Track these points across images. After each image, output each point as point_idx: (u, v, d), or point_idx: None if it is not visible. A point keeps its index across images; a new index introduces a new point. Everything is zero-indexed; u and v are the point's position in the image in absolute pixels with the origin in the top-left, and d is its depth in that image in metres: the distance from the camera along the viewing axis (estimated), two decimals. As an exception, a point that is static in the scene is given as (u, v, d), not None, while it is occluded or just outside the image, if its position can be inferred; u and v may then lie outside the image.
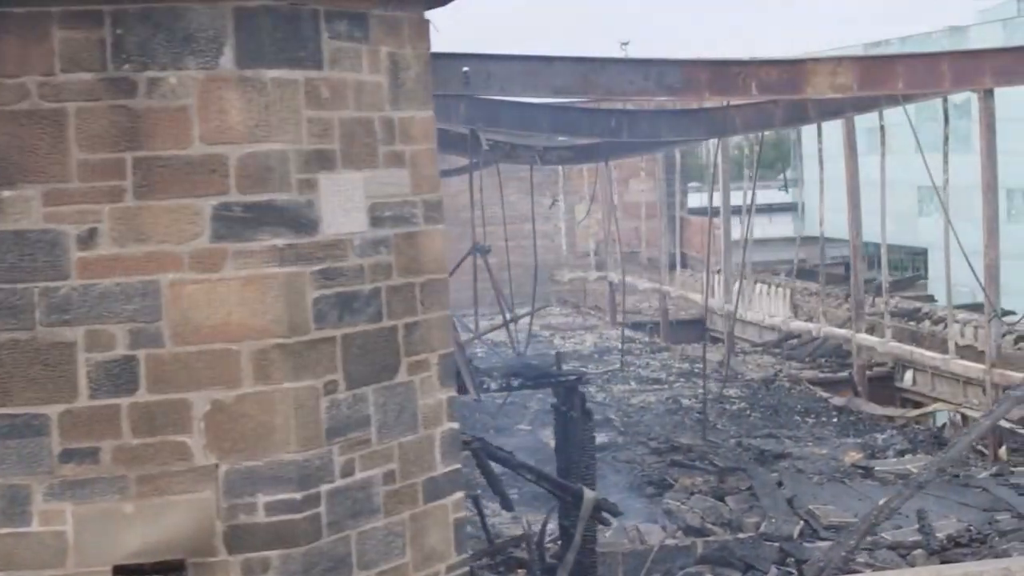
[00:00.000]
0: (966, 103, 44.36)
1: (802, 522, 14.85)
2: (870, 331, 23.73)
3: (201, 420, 7.88)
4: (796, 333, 26.87)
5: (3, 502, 7.72)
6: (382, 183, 8.58)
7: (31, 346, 7.72)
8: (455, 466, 9.10)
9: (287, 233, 7.99)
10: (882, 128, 20.31)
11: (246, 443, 7.93)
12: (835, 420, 21.20)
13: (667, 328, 29.96)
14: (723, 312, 27.51)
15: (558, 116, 16.97)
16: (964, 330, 22.09)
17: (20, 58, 7.69)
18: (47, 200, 7.72)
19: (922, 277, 44.33)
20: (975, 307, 23.90)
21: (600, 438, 20.41)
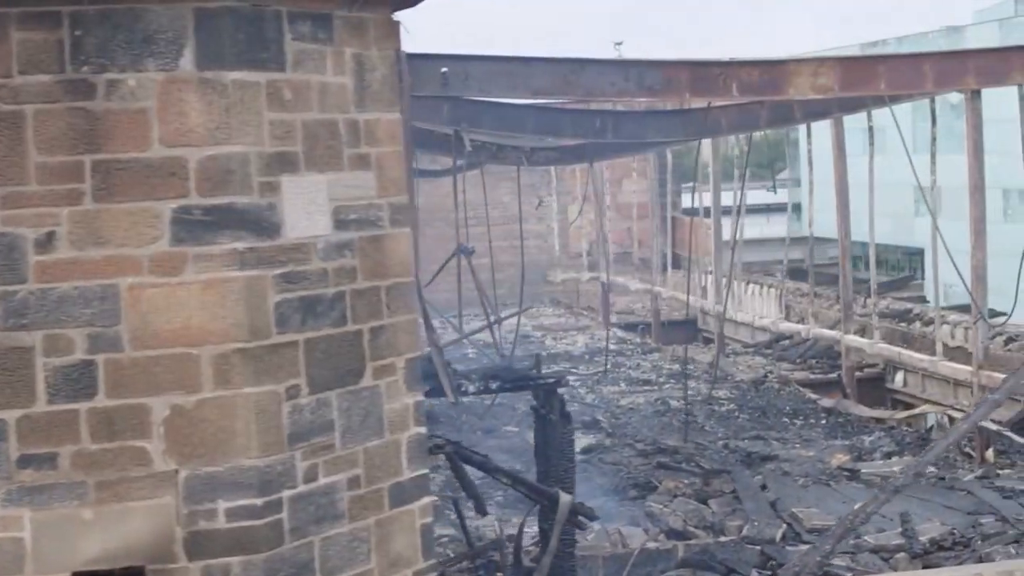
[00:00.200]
0: (962, 103, 44.41)
1: (785, 525, 14.76)
2: (861, 332, 23.64)
3: (161, 425, 7.82)
4: (787, 334, 26.77)
5: (-40, 508, 7.66)
6: (347, 186, 8.51)
7: (-12, 351, 7.65)
8: (422, 471, 9.03)
9: (248, 236, 7.92)
10: (871, 129, 20.21)
11: (206, 448, 7.86)
12: (823, 422, 21.09)
13: (658, 329, 29.85)
14: (714, 313, 27.43)
15: (542, 117, 16.88)
16: (955, 331, 22.01)
17: (-23, 60, 7.63)
18: (5, 203, 7.66)
19: (915, 278, 44.24)
20: (967, 308, 23.82)
21: (587, 440, 20.43)
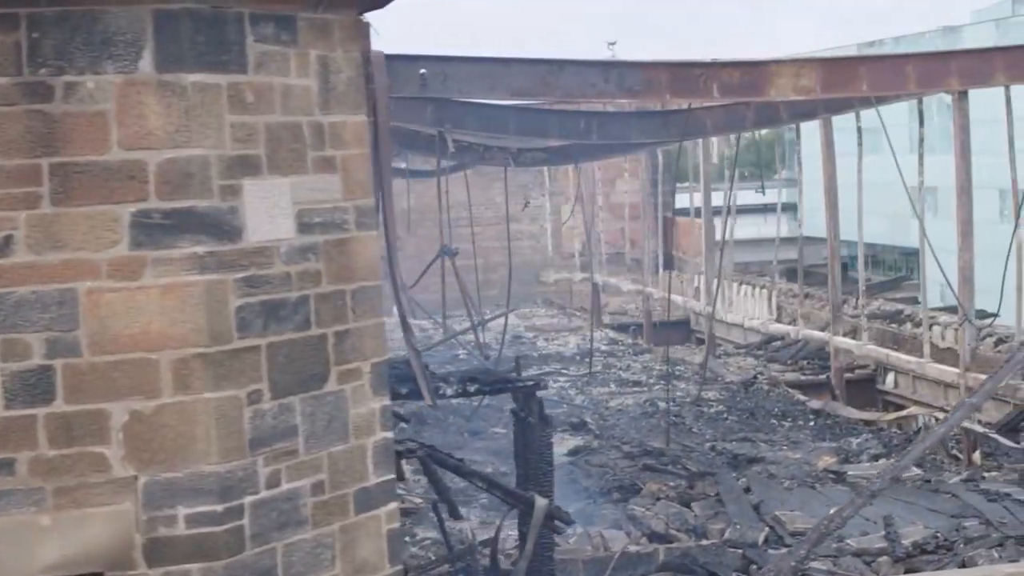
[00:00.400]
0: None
1: (767, 528, 14.68)
2: (852, 333, 23.55)
3: (120, 431, 7.75)
4: (777, 335, 26.69)
5: (-84, 514, 7.60)
6: (311, 189, 8.44)
7: (-56, 356, 7.59)
8: (389, 476, 8.96)
9: (208, 240, 7.85)
10: (859, 129, 20.14)
11: (166, 454, 7.79)
12: (812, 423, 21.00)
13: (650, 330, 29.76)
14: (705, 313, 27.36)
15: (526, 118, 16.81)
16: (945, 333, 21.93)
17: (-66, 62, 7.56)
18: (-39, 207, 7.59)
19: (909, 278, 44.16)
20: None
21: (575, 441, 20.37)
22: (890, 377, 23.59)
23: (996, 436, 17.39)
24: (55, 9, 7.61)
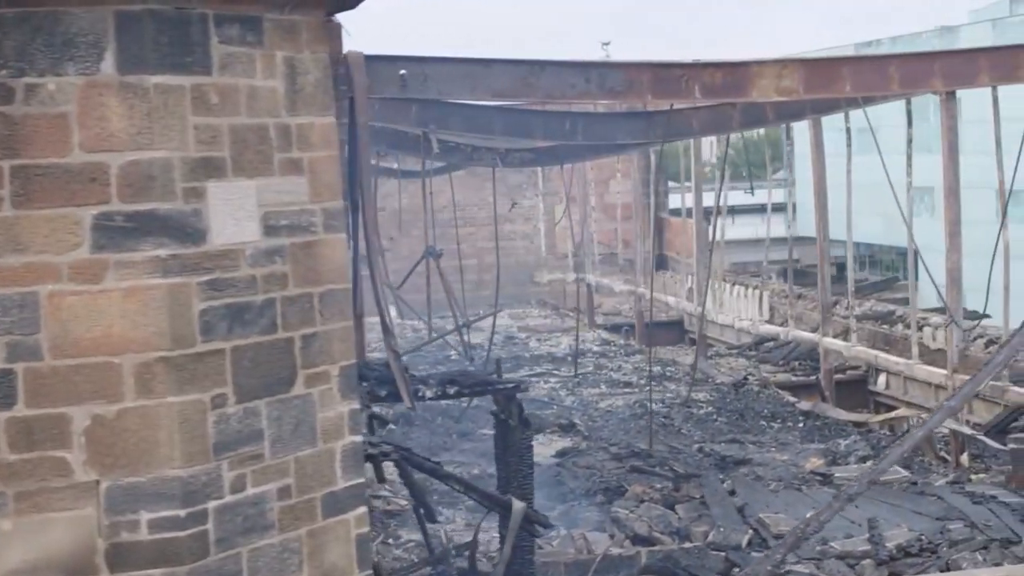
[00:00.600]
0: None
1: (751, 531, 14.61)
2: (843, 334, 23.47)
3: (81, 435, 7.70)
4: (768, 336, 26.60)
5: None
6: (277, 191, 8.39)
7: (-96, 360, 7.54)
8: (358, 480, 8.90)
9: (171, 243, 7.80)
10: (848, 130, 20.07)
11: (128, 459, 7.74)
12: (801, 425, 20.94)
13: (642, 330, 29.63)
14: (697, 314, 27.27)
15: (511, 118, 16.71)
16: (936, 334, 21.87)
17: None
18: (-79, 210, 7.54)
19: (901, 279, 44.05)
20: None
21: (563, 443, 20.30)
22: (882, 378, 23.51)
23: (983, 438, 17.31)
24: (15, 10, 7.56)
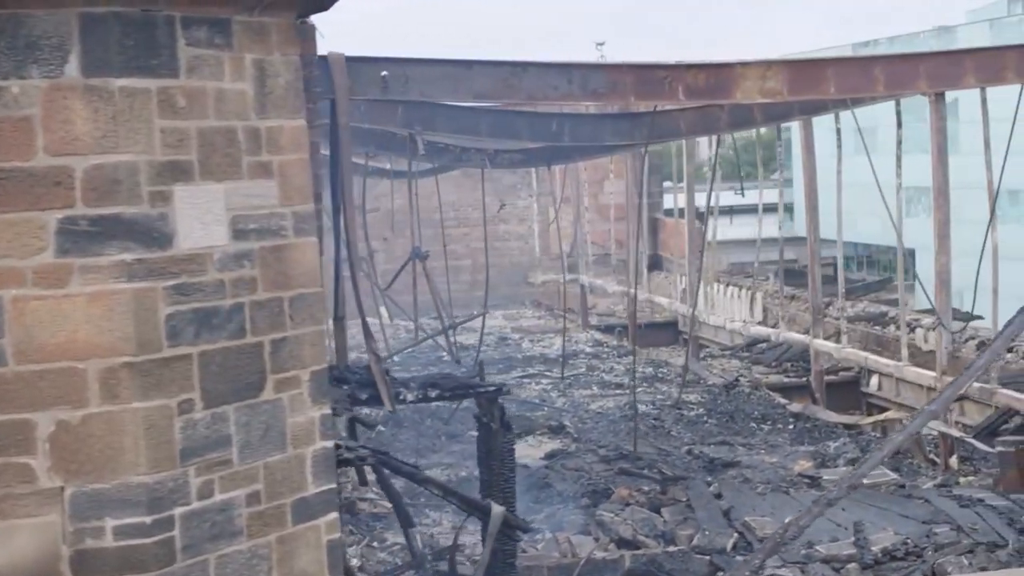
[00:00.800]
0: (953, 104, 44.04)
1: (736, 535, 14.54)
2: (835, 336, 23.39)
3: (46, 441, 7.64)
4: (760, 337, 26.52)
5: None
6: (246, 194, 8.32)
7: None
8: (329, 485, 8.84)
9: (137, 247, 7.74)
10: (838, 131, 19.99)
11: (93, 465, 7.68)
12: (791, 427, 20.86)
13: (635, 331, 29.52)
14: (687, 315, 27.21)
15: (497, 119, 16.66)
16: (928, 335, 21.79)
17: None
18: None
19: (896, 280, 43.86)
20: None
21: (553, 445, 20.23)
22: (874, 380, 23.44)
23: (972, 440, 17.23)
24: (-22, 13, 7.50)
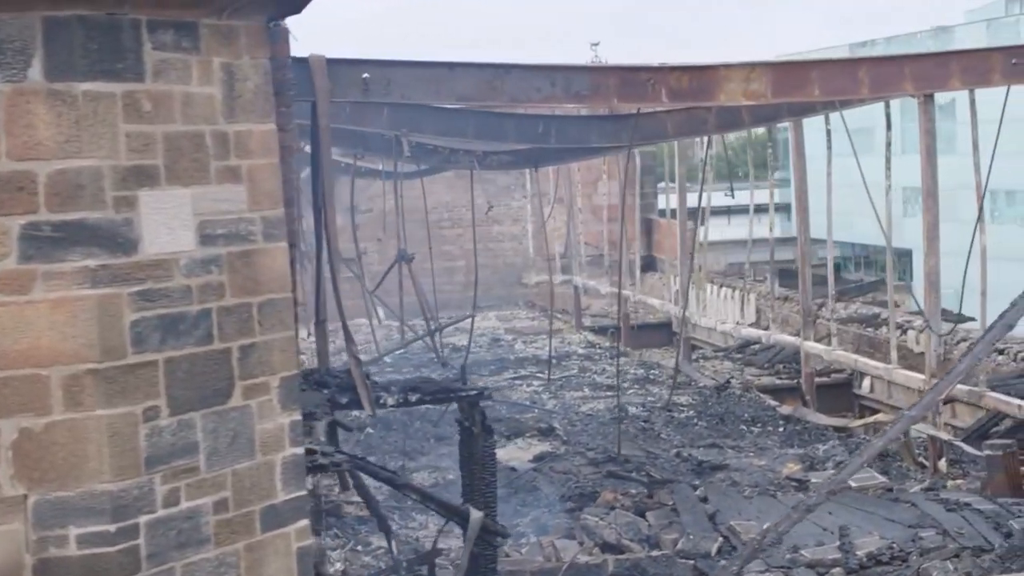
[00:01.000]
0: (951, 104, 43.99)
1: (722, 539, 14.46)
2: (827, 338, 23.31)
3: (8, 449, 7.57)
4: (752, 339, 26.45)
5: None
6: (214, 199, 8.24)
7: None
8: (299, 493, 8.76)
9: (101, 253, 7.66)
10: (828, 132, 19.94)
11: (56, 473, 7.61)
12: (781, 429, 20.77)
13: (627, 333, 29.51)
14: (678, 316, 27.15)
15: (483, 121, 16.60)
16: (919, 337, 21.70)
17: None
18: None
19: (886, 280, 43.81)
20: (944, 312, 23.39)
21: (542, 447, 20.14)
22: (866, 382, 23.38)
23: (960, 444, 17.15)
24: (-60, 17, 7.42)
